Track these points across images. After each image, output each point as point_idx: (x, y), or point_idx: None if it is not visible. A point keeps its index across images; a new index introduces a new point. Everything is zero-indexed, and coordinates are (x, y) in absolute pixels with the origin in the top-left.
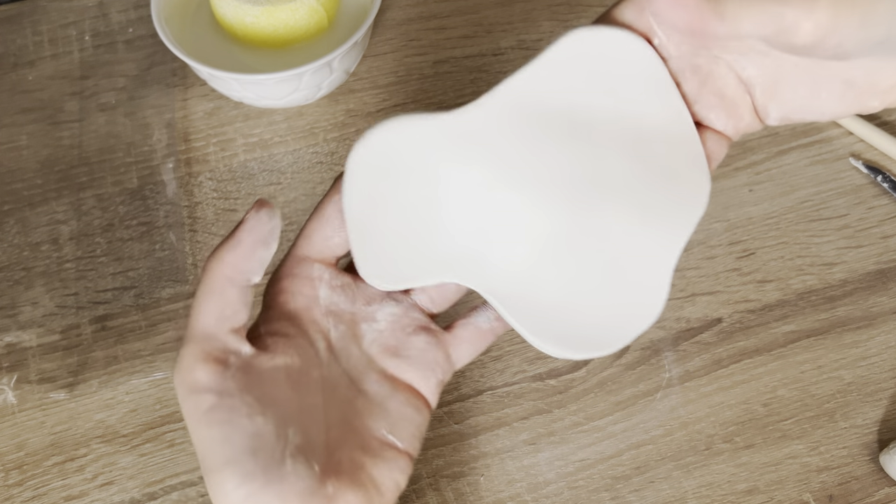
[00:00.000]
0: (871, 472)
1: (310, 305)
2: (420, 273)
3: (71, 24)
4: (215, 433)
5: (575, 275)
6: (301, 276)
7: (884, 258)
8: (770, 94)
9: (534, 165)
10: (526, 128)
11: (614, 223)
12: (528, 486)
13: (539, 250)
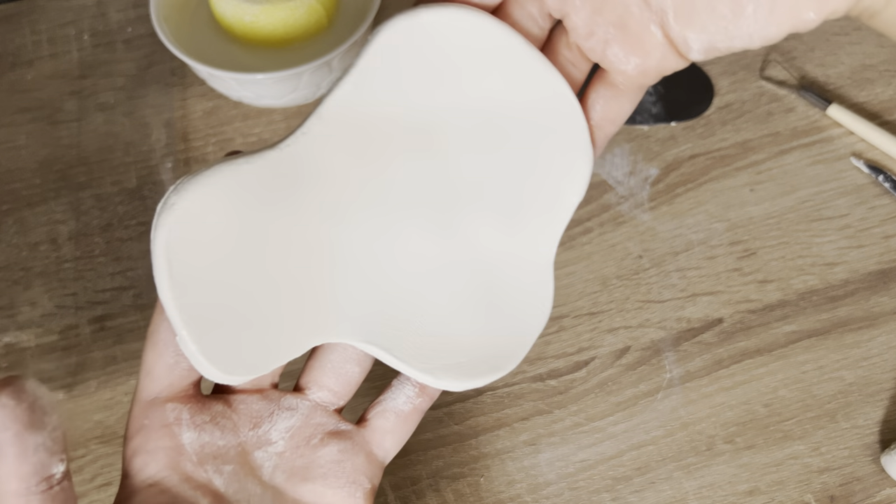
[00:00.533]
0: (872, 473)
1: (175, 459)
2: (281, 351)
3: (69, 23)
4: None
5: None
6: (153, 427)
7: (885, 258)
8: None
9: (381, 187)
10: (363, 145)
11: (479, 232)
12: (528, 486)
13: (408, 283)
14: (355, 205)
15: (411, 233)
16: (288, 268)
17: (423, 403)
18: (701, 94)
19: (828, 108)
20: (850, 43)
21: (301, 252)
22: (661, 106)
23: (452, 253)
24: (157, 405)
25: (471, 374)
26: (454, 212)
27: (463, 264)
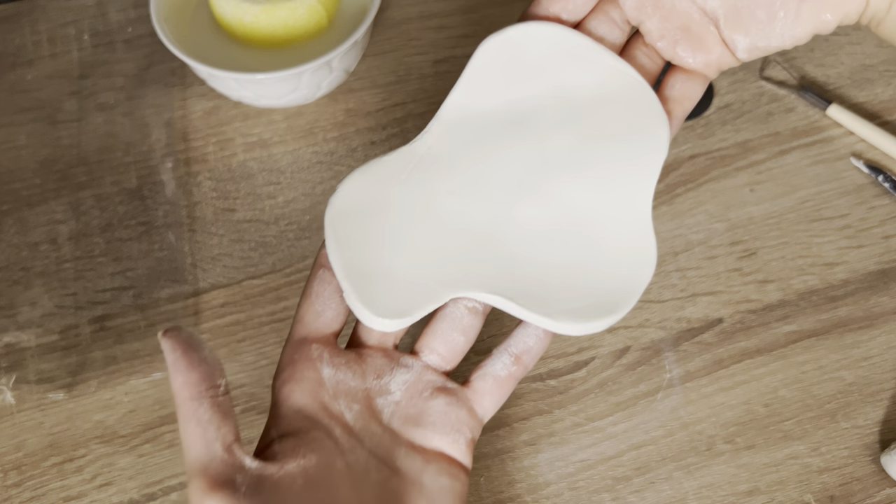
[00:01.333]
0: (872, 473)
1: (316, 390)
2: (422, 301)
3: (70, 23)
4: None
5: (565, 255)
6: (300, 360)
7: (885, 258)
8: (734, 24)
9: (491, 168)
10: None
11: (580, 196)
12: (528, 486)
13: (523, 241)
14: (473, 182)
15: (521, 202)
16: (424, 235)
17: (517, 371)
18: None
19: (828, 108)
20: (849, 43)
21: (434, 222)
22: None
23: (559, 216)
24: (305, 344)
25: (587, 318)
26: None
27: (569, 224)
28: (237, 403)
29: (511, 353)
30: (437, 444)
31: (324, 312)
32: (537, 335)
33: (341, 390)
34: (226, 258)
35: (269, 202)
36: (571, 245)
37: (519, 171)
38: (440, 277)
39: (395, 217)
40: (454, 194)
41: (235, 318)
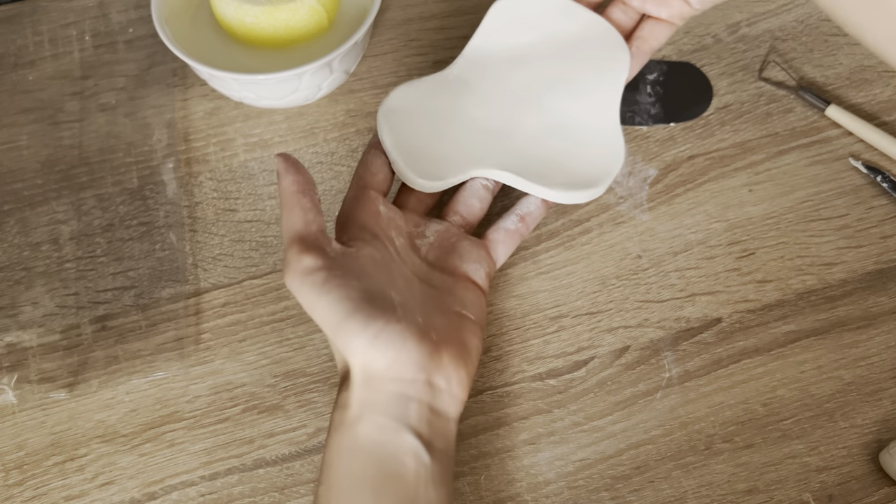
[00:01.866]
0: (870, 472)
1: (375, 216)
2: (453, 172)
3: (71, 24)
4: (334, 295)
5: (557, 147)
6: (363, 197)
7: (883, 258)
8: None
9: (502, 89)
10: (489, 68)
11: (567, 107)
12: (527, 485)
13: (527, 138)
14: (489, 98)
15: (524, 112)
16: (454, 129)
17: (522, 228)
18: (700, 96)
19: (826, 108)
20: (848, 43)
21: (461, 122)
22: (660, 107)
23: (552, 121)
24: (365, 189)
25: (575, 189)
26: (548, 98)
27: (560, 127)
28: (238, 403)
29: (517, 214)
30: (463, 270)
31: (377, 174)
32: (536, 203)
33: (392, 224)
34: (227, 258)
35: (270, 202)
36: (561, 141)
37: (522, 91)
38: (466, 159)
39: (432, 116)
40: (476, 105)
41: (236, 317)
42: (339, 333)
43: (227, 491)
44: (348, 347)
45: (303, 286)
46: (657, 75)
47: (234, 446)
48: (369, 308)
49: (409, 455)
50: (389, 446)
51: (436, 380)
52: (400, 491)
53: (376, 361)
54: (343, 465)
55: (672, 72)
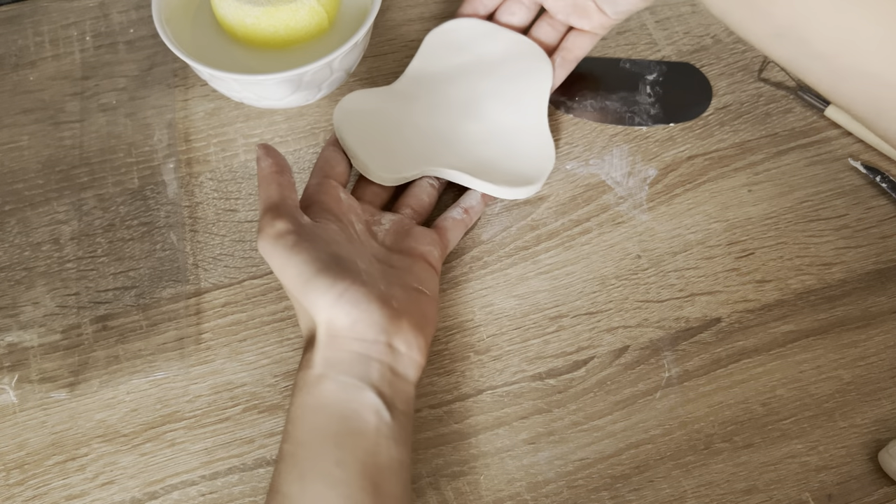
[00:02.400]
0: (869, 472)
1: (337, 202)
2: (408, 168)
3: (72, 24)
4: (303, 257)
5: (494, 149)
6: (324, 185)
7: (882, 258)
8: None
9: (443, 101)
10: (430, 85)
11: (503, 115)
12: (527, 485)
13: (469, 143)
14: (433, 108)
15: (465, 120)
16: (405, 132)
17: (466, 219)
18: (699, 96)
19: (826, 108)
20: None
21: (411, 126)
22: (659, 107)
23: (489, 127)
24: (326, 178)
25: (514, 185)
26: (485, 108)
27: (497, 132)
28: (238, 403)
29: (462, 206)
30: (419, 251)
31: (336, 167)
32: (477, 198)
33: (351, 210)
34: (227, 258)
35: None
36: (498, 144)
37: (460, 103)
38: (418, 158)
39: (383, 120)
40: (421, 114)
41: (237, 317)
42: (306, 291)
43: (227, 490)
44: (315, 305)
45: (275, 248)
46: (657, 76)
47: (235, 446)
48: (336, 269)
49: (371, 412)
50: (352, 403)
51: (396, 343)
52: (361, 445)
53: (340, 320)
54: (307, 422)
55: (671, 72)
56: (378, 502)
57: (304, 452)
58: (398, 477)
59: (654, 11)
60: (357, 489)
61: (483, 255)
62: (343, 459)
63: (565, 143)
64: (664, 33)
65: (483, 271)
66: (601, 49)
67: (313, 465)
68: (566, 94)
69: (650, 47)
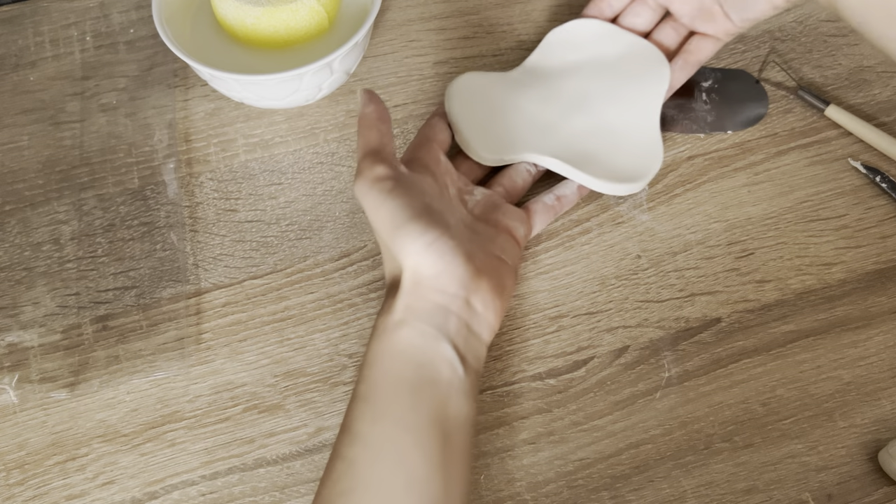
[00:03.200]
0: (869, 472)
1: (436, 162)
2: (508, 152)
3: (72, 24)
4: (399, 202)
5: (600, 144)
6: (426, 145)
7: (882, 258)
8: (730, 4)
9: (555, 94)
10: (544, 78)
11: (611, 112)
12: (527, 485)
13: (574, 135)
14: (545, 100)
15: (574, 115)
16: (513, 117)
17: (558, 206)
18: (755, 103)
19: (826, 108)
20: (847, 44)
21: (520, 113)
22: (715, 114)
23: (598, 124)
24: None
25: (617, 181)
26: (596, 105)
27: (605, 130)
28: (238, 403)
29: (555, 194)
30: (505, 224)
31: (439, 134)
32: (572, 188)
33: (448, 173)
34: (227, 258)
35: (271, 202)
36: (604, 140)
37: (572, 98)
38: (521, 144)
39: (493, 103)
40: (531, 102)
41: (237, 317)
42: (397, 236)
43: (227, 490)
44: (404, 250)
45: (371, 190)
46: (712, 82)
47: (235, 446)
48: (428, 218)
49: (445, 363)
50: (428, 353)
51: (474, 301)
52: (434, 395)
53: (426, 268)
54: (384, 366)
55: (726, 79)
56: (446, 452)
57: (378, 395)
58: (465, 431)
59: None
60: (427, 436)
61: None
62: (417, 405)
63: None
64: None
65: None
66: None
67: (387, 408)
68: None
69: None
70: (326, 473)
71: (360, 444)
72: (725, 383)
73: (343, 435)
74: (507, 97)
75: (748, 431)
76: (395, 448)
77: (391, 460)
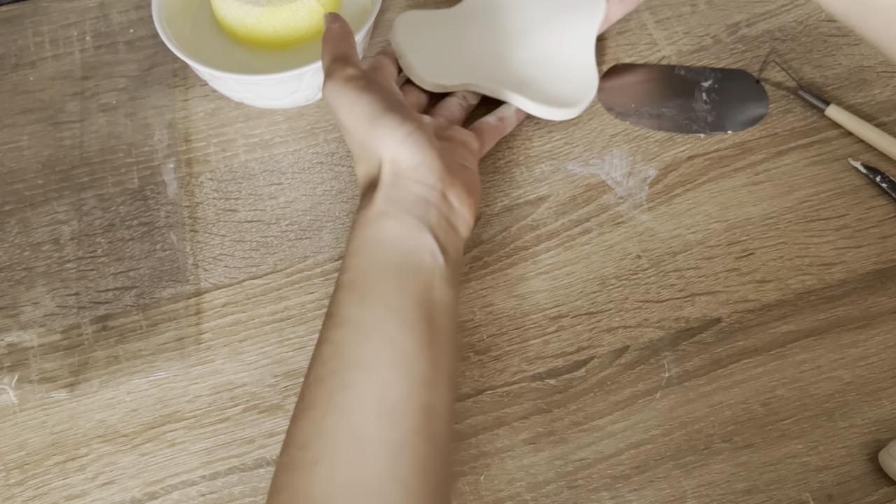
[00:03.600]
0: (870, 472)
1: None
2: (451, 79)
3: (72, 24)
4: (374, 97)
5: (539, 72)
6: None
7: (882, 258)
8: None
9: (497, 26)
10: (487, 11)
11: (552, 41)
12: (527, 485)
13: (515, 64)
14: (487, 31)
15: (514, 44)
16: (457, 48)
17: (500, 127)
18: (756, 103)
19: (826, 108)
20: (847, 44)
21: (463, 43)
22: (716, 114)
23: (539, 53)
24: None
25: (553, 106)
26: (536, 34)
27: (542, 57)
28: (238, 403)
29: (496, 115)
30: (459, 138)
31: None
32: (511, 111)
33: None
34: (227, 258)
35: (271, 202)
36: (545, 70)
37: (513, 29)
38: (462, 71)
39: (437, 35)
40: (475, 34)
41: (237, 317)
42: (376, 126)
43: (227, 490)
44: (383, 140)
45: (345, 88)
46: (712, 82)
47: (235, 446)
48: (404, 111)
49: (427, 252)
50: (411, 240)
51: (450, 195)
52: (419, 279)
53: (406, 160)
54: (368, 254)
55: (726, 79)
56: (432, 332)
57: (364, 279)
58: (448, 316)
59: (654, 11)
60: (414, 317)
61: (483, 255)
62: (402, 288)
63: (565, 143)
64: (664, 33)
65: (483, 271)
66: (606, 52)
67: (373, 291)
68: (621, 100)
69: (650, 47)
70: (314, 358)
71: (346, 327)
72: (725, 383)
73: (328, 320)
74: (451, 30)
75: (748, 431)
76: (382, 327)
77: (379, 339)
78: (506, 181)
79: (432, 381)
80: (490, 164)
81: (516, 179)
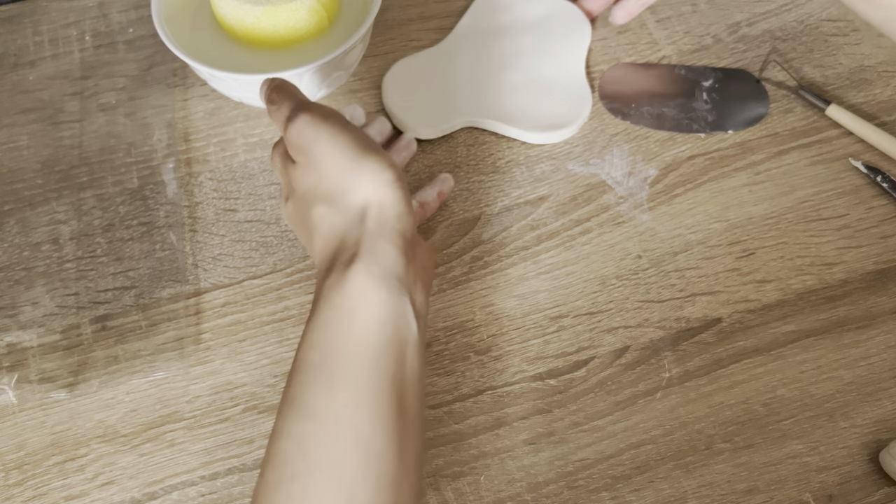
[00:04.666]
0: (870, 472)
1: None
2: (444, 123)
3: (71, 24)
4: (355, 133)
5: (534, 100)
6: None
7: (883, 258)
8: None
9: (487, 55)
10: (476, 41)
11: (541, 68)
12: (527, 485)
13: (509, 94)
14: (477, 61)
15: (506, 71)
16: (443, 88)
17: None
18: (756, 102)
19: (827, 108)
20: (848, 44)
21: (449, 81)
22: (716, 114)
23: (529, 78)
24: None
25: (550, 130)
26: (526, 61)
27: (536, 83)
28: (238, 403)
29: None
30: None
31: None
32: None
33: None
34: (227, 258)
35: (270, 202)
36: (538, 94)
37: (503, 56)
38: (457, 111)
39: (427, 79)
40: (466, 66)
41: (236, 317)
42: (360, 165)
43: (227, 491)
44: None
45: (325, 122)
46: (712, 82)
47: (235, 446)
48: (384, 154)
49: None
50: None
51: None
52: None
53: (391, 207)
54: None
55: (727, 78)
56: (402, 421)
57: (335, 361)
58: (417, 390)
59: (654, 11)
60: (386, 406)
61: (483, 255)
62: (377, 369)
63: (565, 142)
64: (664, 33)
65: (483, 271)
66: (606, 52)
67: (345, 375)
68: (621, 99)
69: (650, 47)
70: (270, 455)
71: (311, 419)
72: (726, 383)
73: (288, 409)
74: (439, 70)
75: (749, 432)
76: (352, 422)
77: (347, 436)
78: (506, 181)
79: (400, 478)
80: (490, 164)
81: (516, 179)
